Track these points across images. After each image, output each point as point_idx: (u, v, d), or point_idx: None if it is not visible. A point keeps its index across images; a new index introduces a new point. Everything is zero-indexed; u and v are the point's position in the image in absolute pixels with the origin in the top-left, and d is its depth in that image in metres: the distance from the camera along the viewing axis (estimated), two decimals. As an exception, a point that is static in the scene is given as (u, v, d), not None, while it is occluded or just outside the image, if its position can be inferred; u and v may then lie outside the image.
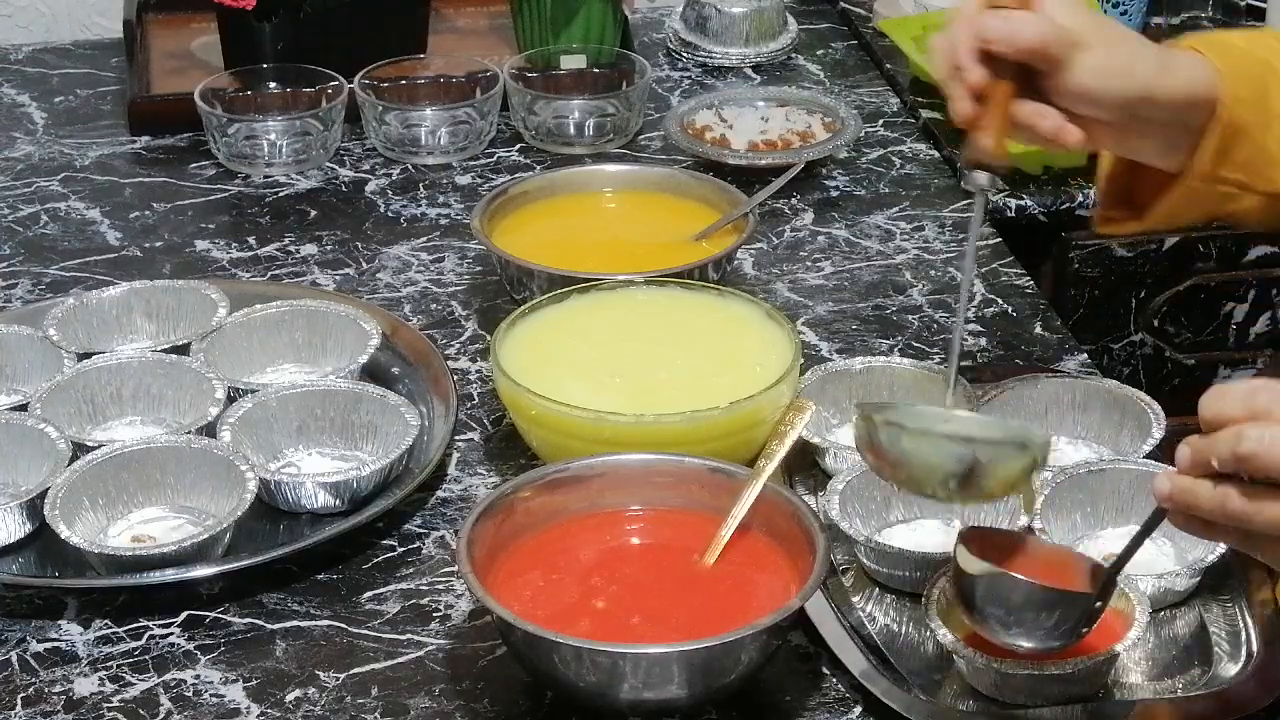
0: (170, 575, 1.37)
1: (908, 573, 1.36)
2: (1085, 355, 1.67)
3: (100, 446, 1.45)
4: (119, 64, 2.18)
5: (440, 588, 1.40)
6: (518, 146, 2.02)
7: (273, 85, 2.01)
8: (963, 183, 1.82)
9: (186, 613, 1.37)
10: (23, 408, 1.50)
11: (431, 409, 1.54)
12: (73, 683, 1.31)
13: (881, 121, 2.07)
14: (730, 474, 1.37)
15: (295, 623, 1.37)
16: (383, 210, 1.90)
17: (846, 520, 1.38)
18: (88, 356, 1.55)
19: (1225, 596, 1.36)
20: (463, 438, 1.55)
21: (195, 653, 1.34)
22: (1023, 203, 1.95)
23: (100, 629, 1.36)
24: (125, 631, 1.36)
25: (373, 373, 1.58)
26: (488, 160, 1.99)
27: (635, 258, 1.66)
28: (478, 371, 1.64)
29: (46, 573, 1.40)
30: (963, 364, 1.60)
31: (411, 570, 1.42)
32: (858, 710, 1.28)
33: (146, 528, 1.43)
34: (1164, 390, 2.04)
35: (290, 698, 1.30)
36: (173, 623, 1.37)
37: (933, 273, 1.78)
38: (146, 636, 1.36)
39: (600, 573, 1.33)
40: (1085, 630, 1.24)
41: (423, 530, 1.46)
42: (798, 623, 1.31)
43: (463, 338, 1.69)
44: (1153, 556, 1.37)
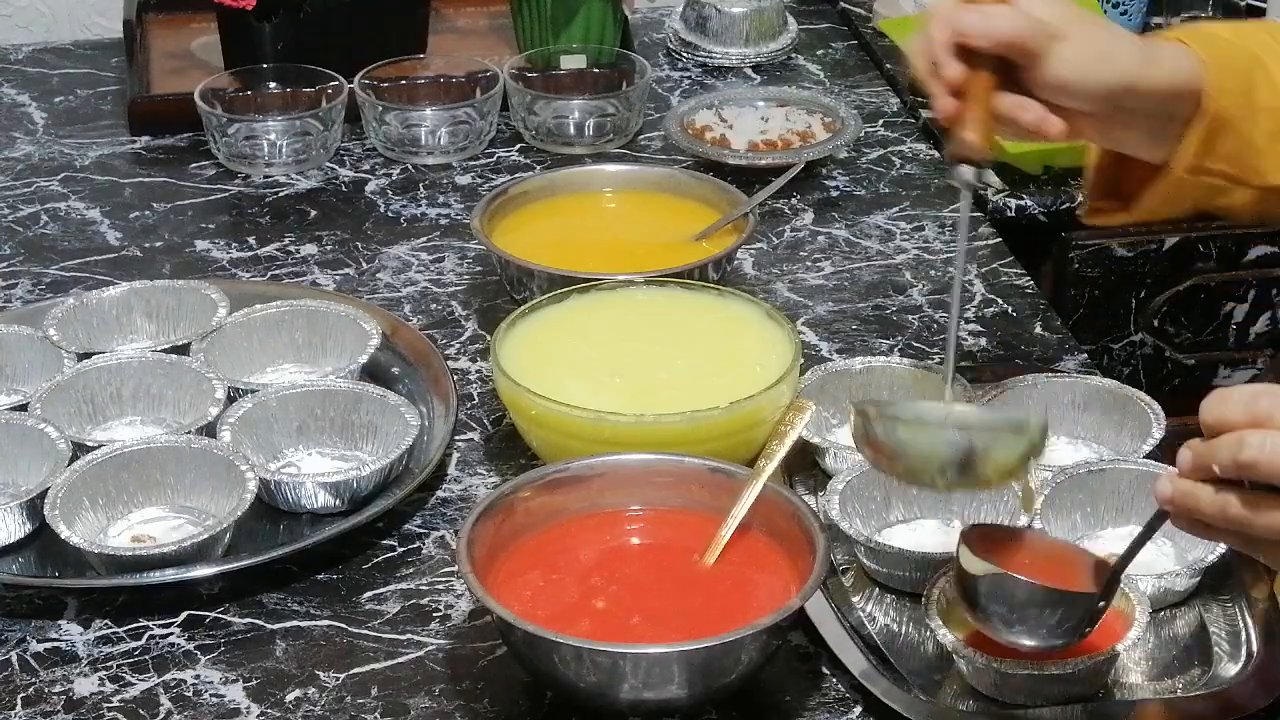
0: (170, 575, 1.37)
1: (908, 573, 1.36)
2: (1085, 355, 1.67)
3: (100, 446, 1.45)
4: (119, 64, 2.18)
5: (440, 588, 1.40)
6: (518, 146, 2.01)
7: (273, 85, 2.01)
8: (948, 178, 1.82)
9: (186, 613, 1.37)
10: (23, 408, 1.50)
11: (431, 409, 1.54)
12: (73, 683, 1.31)
13: (881, 121, 2.07)
14: (730, 474, 1.37)
15: (295, 623, 1.37)
16: (383, 210, 1.90)
17: (846, 520, 1.38)
18: (88, 356, 1.55)
19: (1225, 596, 1.36)
20: (463, 438, 1.55)
21: (195, 653, 1.34)
22: (1023, 203, 1.95)
23: (100, 629, 1.36)
24: (125, 631, 1.36)
25: (373, 373, 1.58)
26: (488, 160, 1.99)
27: (635, 258, 1.66)
28: (478, 371, 1.64)
29: (46, 573, 1.40)
30: (963, 364, 1.61)
31: (411, 570, 1.42)
32: (858, 710, 1.28)
33: (146, 528, 1.43)
34: (1164, 390, 2.04)
35: (290, 698, 1.30)
36: (173, 623, 1.37)
37: (933, 273, 1.78)
38: (146, 636, 1.36)
39: (600, 573, 1.33)
40: (1088, 629, 1.24)
41: (423, 530, 1.46)
42: (798, 623, 1.31)
43: (463, 338, 1.69)
44: (1153, 556, 1.37)
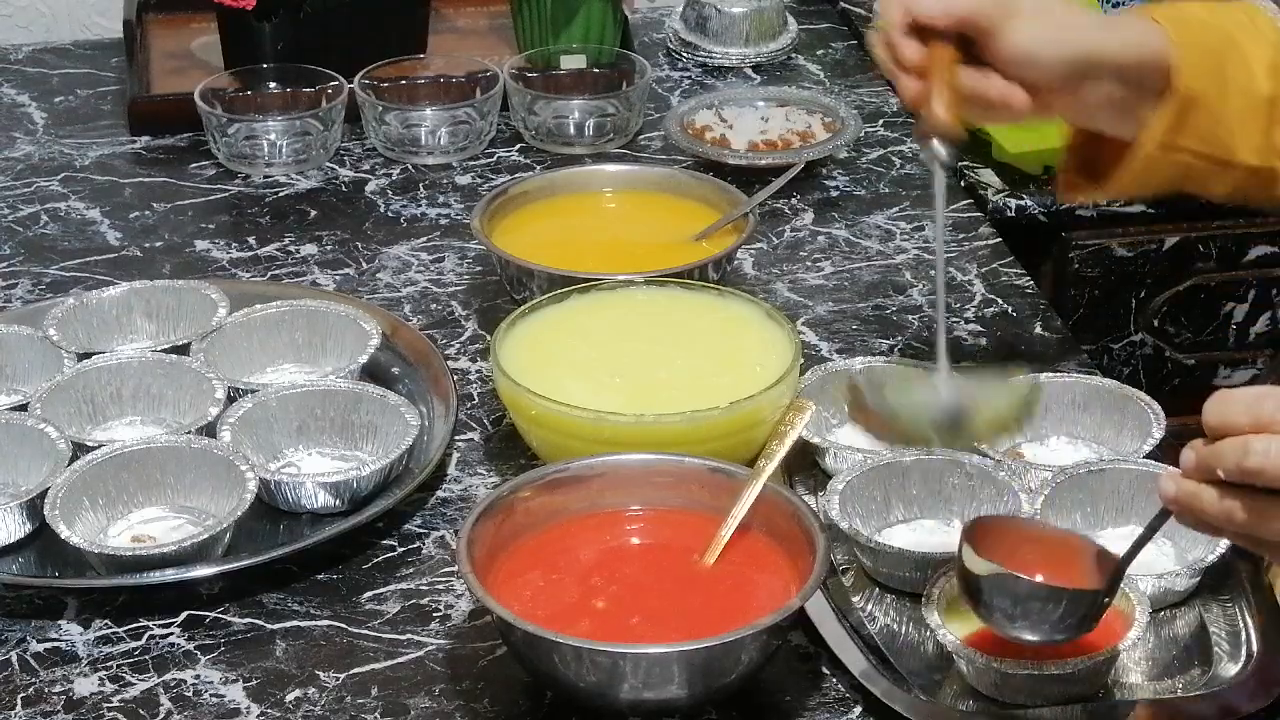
0: (170, 575, 1.37)
1: (908, 573, 1.36)
2: (1085, 355, 1.67)
3: (100, 446, 1.45)
4: (119, 64, 2.18)
5: (440, 588, 1.40)
6: (518, 146, 2.01)
7: (273, 85, 2.01)
8: (922, 157, 1.82)
9: (186, 613, 1.37)
10: (23, 408, 1.50)
11: (431, 409, 1.54)
12: (73, 683, 1.31)
13: (881, 121, 2.07)
14: (730, 474, 1.37)
15: (295, 623, 1.37)
16: (383, 210, 1.90)
17: (846, 520, 1.38)
18: (88, 356, 1.55)
19: (1225, 596, 1.36)
20: (463, 438, 1.55)
21: (195, 653, 1.34)
22: (1023, 203, 1.95)
23: (100, 629, 1.36)
24: (125, 631, 1.36)
25: (373, 373, 1.58)
26: (488, 160, 1.99)
27: (635, 258, 1.66)
28: (478, 371, 1.64)
29: (46, 573, 1.40)
30: (963, 364, 1.61)
31: (411, 570, 1.42)
32: (858, 710, 1.28)
33: (146, 528, 1.43)
34: (1164, 390, 2.04)
35: (290, 698, 1.30)
36: (173, 623, 1.37)
37: (933, 273, 1.78)
38: (146, 636, 1.36)
39: (600, 573, 1.33)
40: (1092, 625, 1.24)
41: (423, 530, 1.46)
42: (798, 623, 1.31)
43: (463, 338, 1.69)
44: (1153, 556, 1.37)
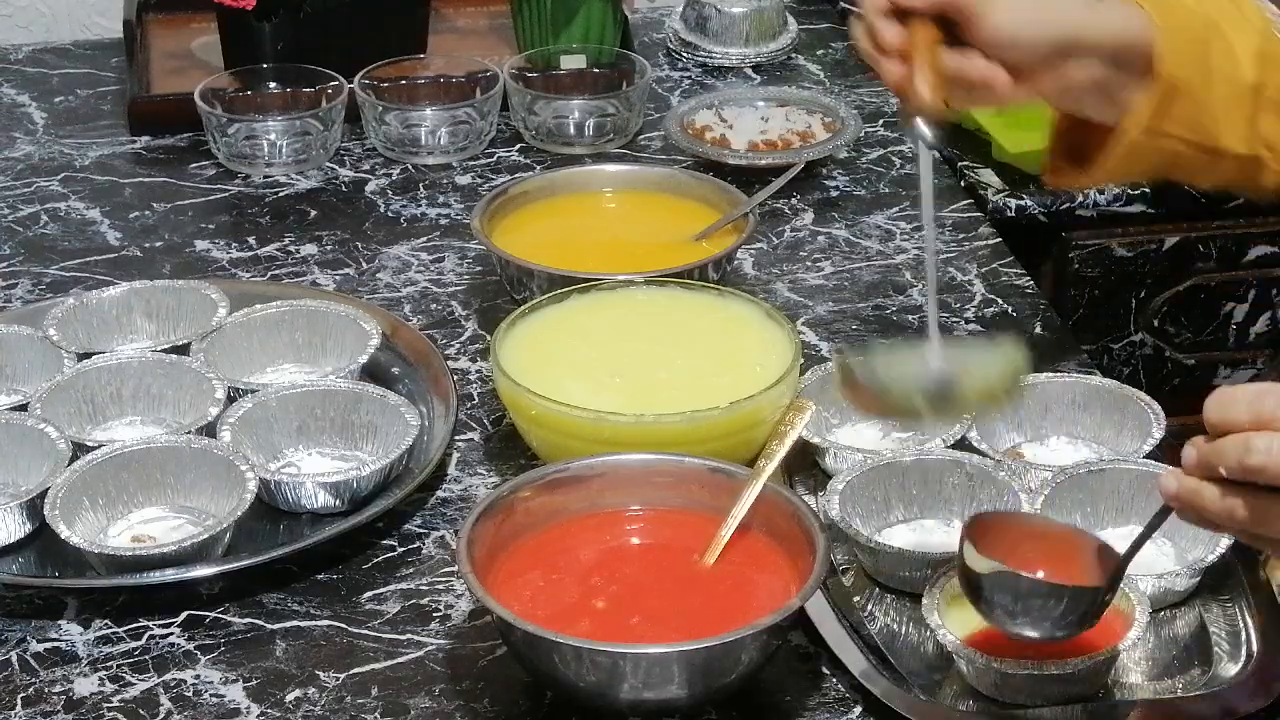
0: (170, 575, 1.37)
1: (908, 573, 1.36)
2: (1085, 355, 1.67)
3: (100, 446, 1.45)
4: (119, 64, 2.18)
5: (440, 588, 1.40)
6: (518, 146, 2.01)
7: (273, 85, 2.01)
8: (906, 139, 1.83)
9: (186, 613, 1.37)
10: (23, 408, 1.50)
11: (431, 409, 1.54)
12: (73, 683, 1.31)
13: (881, 121, 2.07)
14: (730, 474, 1.37)
15: (295, 623, 1.37)
16: (383, 210, 1.90)
17: (846, 520, 1.38)
18: (88, 356, 1.55)
19: (1225, 596, 1.36)
20: (463, 438, 1.55)
21: (195, 653, 1.34)
22: (1023, 203, 1.95)
23: (100, 629, 1.36)
24: (125, 631, 1.36)
25: (373, 373, 1.58)
26: (488, 160, 1.99)
27: (635, 258, 1.66)
28: (478, 371, 1.64)
29: (46, 573, 1.40)
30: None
31: (411, 570, 1.42)
32: (858, 710, 1.28)
33: (146, 528, 1.43)
34: (1164, 390, 2.04)
35: (290, 698, 1.30)
36: (173, 623, 1.37)
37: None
38: (146, 636, 1.36)
39: (600, 573, 1.33)
40: (1093, 621, 1.24)
41: (423, 530, 1.46)
42: (798, 623, 1.31)
43: (463, 338, 1.69)
44: (1153, 556, 1.37)
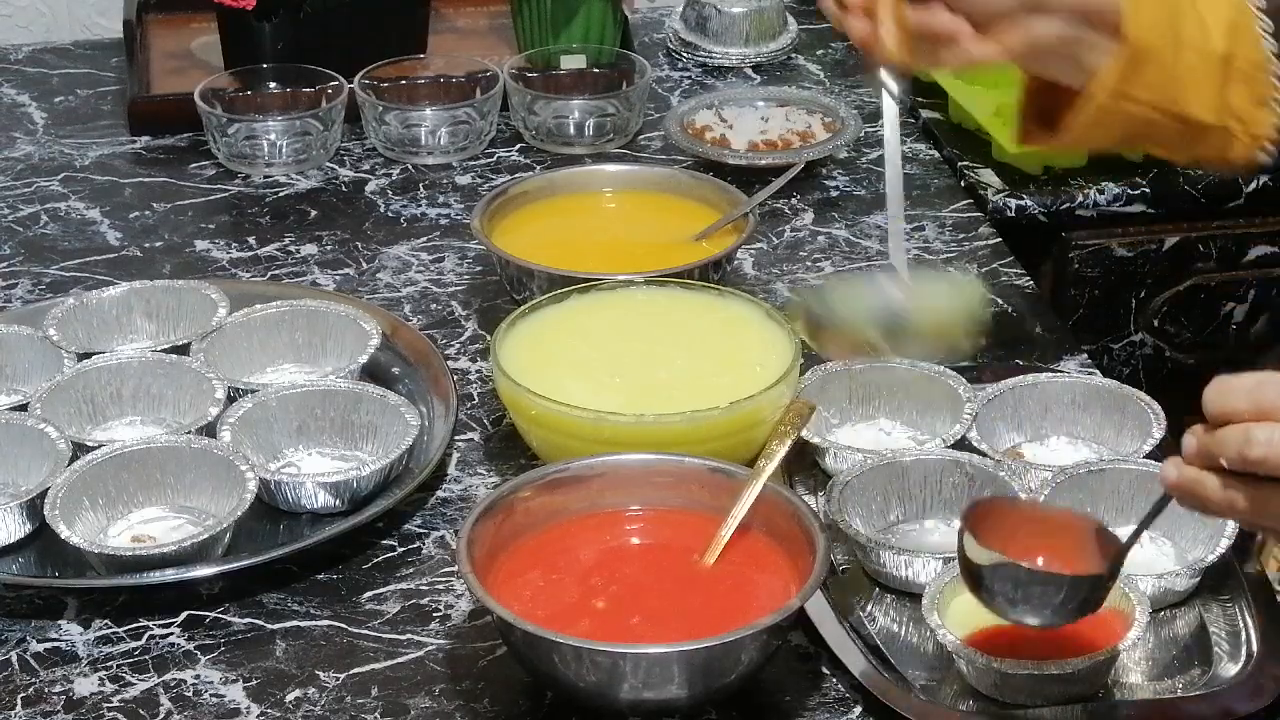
0: (170, 575, 1.37)
1: (908, 573, 1.36)
2: (1085, 355, 1.67)
3: (100, 446, 1.45)
4: (119, 64, 2.18)
5: (440, 588, 1.40)
6: (518, 146, 2.01)
7: (273, 85, 2.01)
8: (871, 87, 1.84)
9: (186, 613, 1.37)
10: (23, 408, 1.50)
11: (431, 409, 1.54)
12: (73, 683, 1.31)
13: (882, 121, 2.06)
14: (730, 474, 1.37)
15: (295, 623, 1.37)
16: (383, 210, 1.90)
17: (846, 520, 1.38)
18: (88, 356, 1.55)
19: (1225, 596, 1.36)
20: (463, 438, 1.55)
21: (195, 653, 1.34)
22: (1023, 203, 1.95)
23: (100, 629, 1.36)
24: (125, 631, 1.36)
25: (373, 373, 1.58)
26: (488, 160, 1.99)
27: (635, 258, 1.66)
28: (478, 371, 1.64)
29: (46, 573, 1.40)
30: (963, 364, 1.61)
31: (411, 570, 1.42)
32: (858, 710, 1.28)
33: (146, 528, 1.43)
34: (1164, 390, 2.03)
35: (290, 698, 1.30)
36: (173, 623, 1.37)
37: (933, 273, 1.78)
38: (146, 636, 1.36)
39: (600, 573, 1.33)
40: (1095, 607, 1.23)
41: (423, 530, 1.46)
42: (798, 623, 1.31)
43: (463, 338, 1.69)
44: (1153, 556, 1.37)
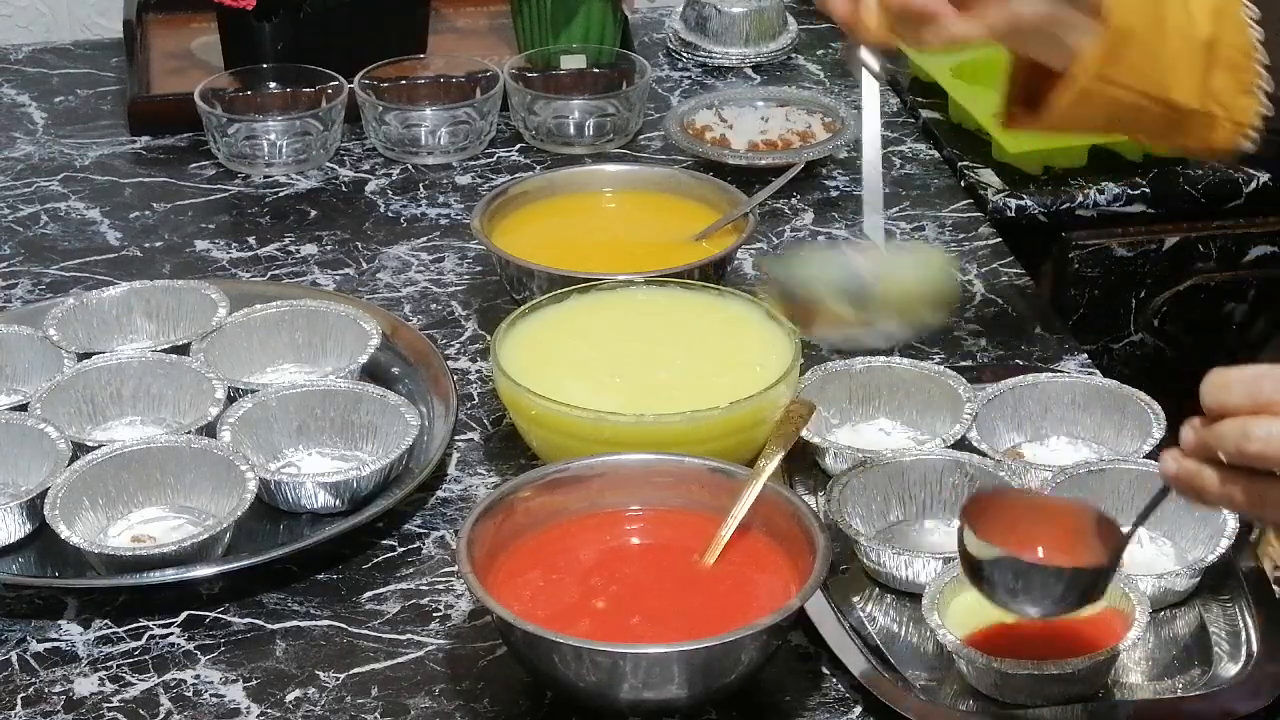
0: (170, 575, 1.37)
1: (908, 573, 1.36)
2: (1085, 355, 1.67)
3: (100, 446, 1.45)
4: (119, 64, 2.18)
5: (440, 588, 1.40)
6: (518, 146, 2.01)
7: (273, 85, 2.01)
8: (850, 67, 1.85)
9: (186, 613, 1.37)
10: (23, 408, 1.50)
11: (431, 409, 1.54)
12: (73, 683, 1.31)
13: (882, 121, 2.06)
14: (730, 474, 1.37)
15: (295, 623, 1.37)
16: (383, 210, 1.90)
17: (846, 520, 1.38)
18: (88, 356, 1.55)
19: (1225, 596, 1.36)
20: (463, 438, 1.55)
21: (195, 653, 1.34)
22: (1023, 203, 1.94)
23: (100, 629, 1.36)
24: (125, 631, 1.36)
25: (373, 373, 1.58)
26: (488, 160, 1.99)
27: (635, 258, 1.66)
28: (478, 371, 1.64)
29: (46, 573, 1.40)
30: (962, 364, 1.61)
31: (411, 570, 1.42)
32: (858, 710, 1.28)
33: (146, 528, 1.43)
34: (1164, 390, 2.03)
35: (290, 698, 1.30)
36: (173, 623, 1.37)
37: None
38: (146, 636, 1.36)
39: (600, 573, 1.33)
40: (1097, 597, 1.22)
41: (423, 530, 1.46)
42: (798, 623, 1.31)
43: (463, 338, 1.69)
44: (1153, 556, 1.37)
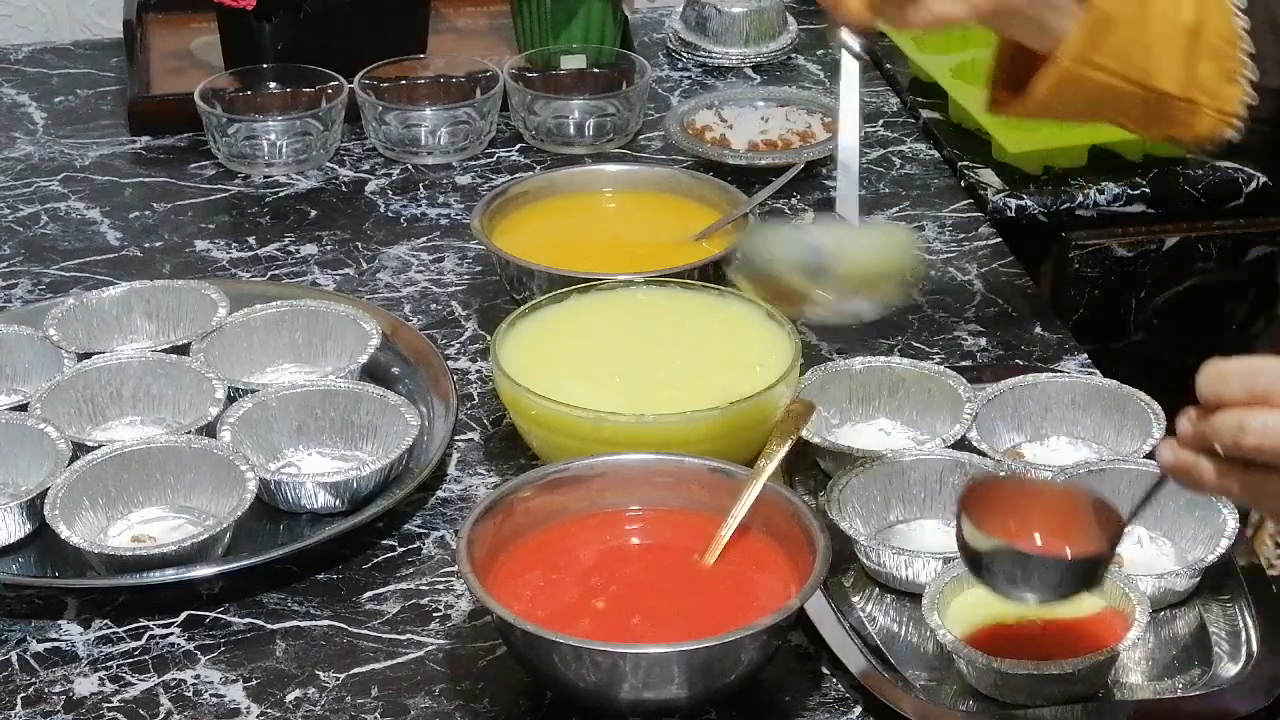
0: (170, 575, 1.37)
1: (908, 573, 1.36)
2: (1085, 355, 1.67)
3: (100, 446, 1.45)
4: (119, 64, 2.18)
5: (440, 588, 1.40)
6: (518, 146, 2.01)
7: (273, 85, 2.01)
8: (832, 45, 1.85)
9: (186, 613, 1.37)
10: (23, 408, 1.50)
11: (431, 409, 1.54)
12: (73, 683, 1.31)
13: (881, 121, 2.07)
14: (730, 474, 1.37)
15: (295, 623, 1.37)
16: (383, 210, 1.90)
17: (846, 520, 1.38)
18: (88, 356, 1.55)
19: (1225, 596, 1.36)
20: (463, 438, 1.55)
21: (195, 653, 1.34)
22: (1023, 203, 1.94)
23: (100, 629, 1.36)
24: (125, 631, 1.36)
25: (373, 373, 1.58)
26: (488, 160, 1.99)
27: (635, 258, 1.66)
28: (478, 371, 1.64)
29: (46, 573, 1.40)
30: (963, 364, 1.61)
31: (411, 570, 1.42)
32: (858, 710, 1.28)
33: (146, 528, 1.43)
34: (1164, 390, 2.03)
35: (290, 698, 1.30)
36: (173, 623, 1.37)
37: (933, 273, 1.78)
38: (146, 636, 1.36)
39: (600, 573, 1.33)
40: (1096, 584, 1.22)
41: (423, 530, 1.46)
42: (798, 623, 1.31)
43: (463, 338, 1.69)
44: (1153, 556, 1.38)
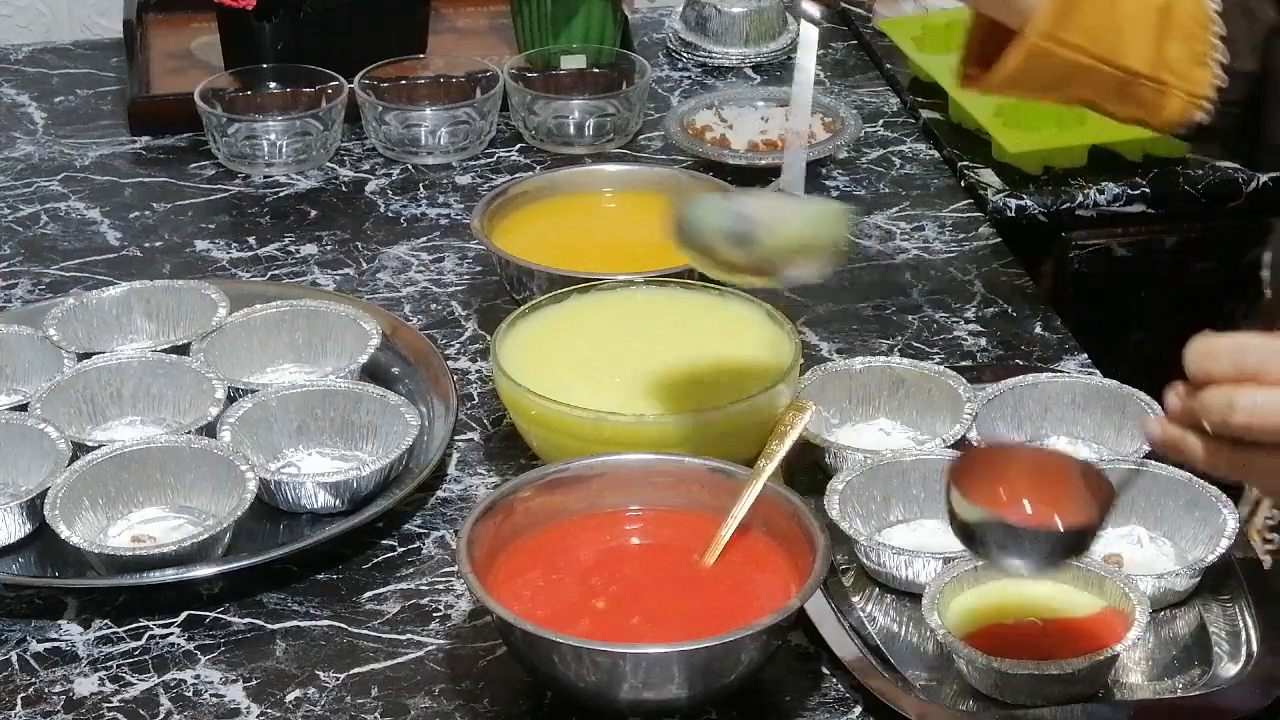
0: (170, 575, 1.37)
1: (908, 573, 1.36)
2: (1085, 355, 1.67)
3: (100, 446, 1.46)
4: (119, 64, 2.18)
5: (440, 588, 1.40)
6: (518, 146, 2.01)
7: (273, 85, 2.01)
8: (790, 14, 1.84)
9: (186, 613, 1.37)
10: (23, 408, 1.50)
11: (431, 409, 1.54)
12: (73, 683, 1.31)
13: (881, 121, 2.07)
14: (730, 474, 1.37)
15: (295, 623, 1.37)
16: (383, 210, 1.90)
17: (846, 520, 1.38)
18: (88, 356, 1.55)
19: (1225, 596, 1.36)
20: (463, 438, 1.55)
21: (195, 653, 1.34)
22: (1023, 203, 1.94)
23: (100, 629, 1.36)
24: (125, 631, 1.36)
25: (373, 373, 1.58)
26: (488, 160, 1.99)
27: (635, 258, 1.66)
28: (478, 371, 1.64)
29: (46, 573, 1.40)
30: (963, 364, 1.61)
31: (411, 570, 1.42)
32: (858, 710, 1.28)
33: (146, 528, 1.43)
34: (1164, 390, 2.04)
35: (290, 698, 1.30)
36: (173, 623, 1.37)
37: (933, 273, 1.78)
38: (146, 636, 1.36)
39: (600, 573, 1.33)
40: (1086, 552, 1.21)
41: (423, 530, 1.46)
42: (798, 623, 1.31)
43: (463, 338, 1.69)
44: (1153, 556, 1.38)
